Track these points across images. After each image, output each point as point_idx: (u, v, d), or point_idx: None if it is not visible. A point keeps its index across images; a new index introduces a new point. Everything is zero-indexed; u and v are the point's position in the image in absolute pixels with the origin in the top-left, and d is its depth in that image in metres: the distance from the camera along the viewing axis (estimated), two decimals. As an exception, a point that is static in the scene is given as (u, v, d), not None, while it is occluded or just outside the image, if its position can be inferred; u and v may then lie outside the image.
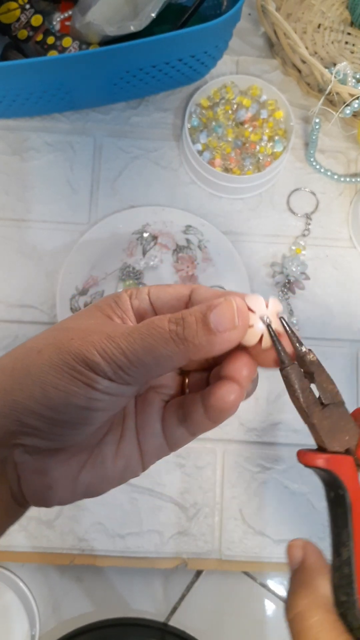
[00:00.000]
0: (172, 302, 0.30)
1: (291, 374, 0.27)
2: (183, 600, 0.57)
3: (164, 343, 0.25)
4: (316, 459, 0.27)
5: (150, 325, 0.25)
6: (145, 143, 0.64)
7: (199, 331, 0.25)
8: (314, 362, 0.27)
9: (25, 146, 0.63)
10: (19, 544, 0.55)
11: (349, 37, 0.69)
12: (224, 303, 0.25)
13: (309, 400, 0.27)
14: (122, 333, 0.25)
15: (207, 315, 0.25)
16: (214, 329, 0.25)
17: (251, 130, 0.63)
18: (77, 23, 0.60)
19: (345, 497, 0.26)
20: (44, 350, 0.26)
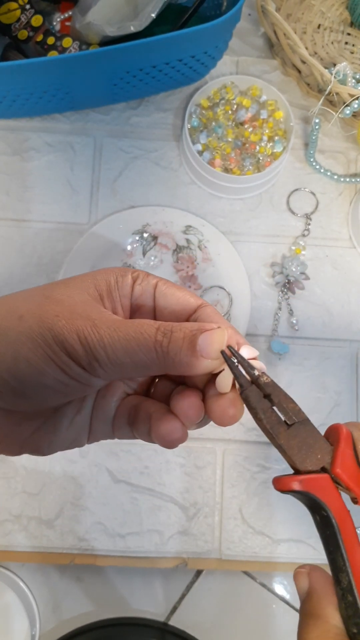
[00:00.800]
0: (177, 309, 0.28)
1: (250, 396, 0.26)
2: (183, 600, 0.57)
3: (146, 351, 0.24)
4: (291, 482, 0.25)
5: (139, 328, 0.25)
6: (145, 143, 0.64)
7: (183, 349, 0.24)
8: (269, 383, 0.27)
9: (25, 146, 0.63)
10: (19, 544, 0.55)
11: (349, 38, 0.69)
12: (217, 331, 0.25)
13: (272, 420, 0.26)
14: (109, 326, 0.25)
15: (196, 336, 0.25)
16: (198, 352, 0.24)
17: (251, 130, 0.63)
18: (77, 23, 0.60)
19: (330, 518, 0.25)
20: (25, 317, 0.25)
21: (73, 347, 0.24)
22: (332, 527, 0.25)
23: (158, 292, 0.29)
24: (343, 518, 0.25)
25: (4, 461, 0.56)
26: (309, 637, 0.24)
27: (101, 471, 0.57)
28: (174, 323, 0.25)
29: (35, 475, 0.56)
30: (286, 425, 0.26)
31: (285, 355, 0.60)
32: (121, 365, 0.24)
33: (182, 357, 0.24)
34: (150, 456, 0.57)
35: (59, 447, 0.29)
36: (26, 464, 0.56)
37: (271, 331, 0.60)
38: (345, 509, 0.25)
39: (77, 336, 0.24)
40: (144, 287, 0.29)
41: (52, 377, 0.25)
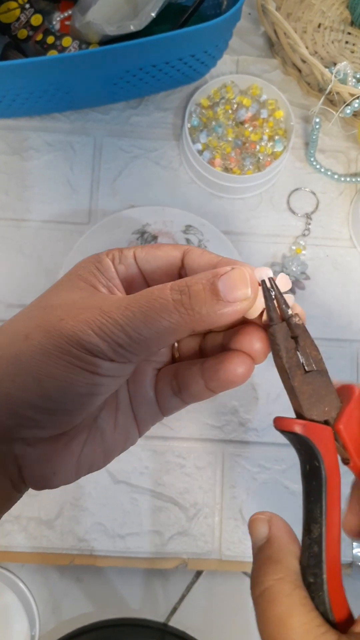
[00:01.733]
0: (164, 267, 0.27)
1: (278, 332, 0.25)
2: (183, 601, 0.57)
3: (167, 315, 0.22)
4: (293, 424, 0.25)
5: (150, 296, 0.23)
6: (145, 143, 0.64)
7: (207, 300, 0.23)
8: (300, 325, 0.26)
9: (25, 146, 0.63)
10: (18, 545, 0.55)
11: (349, 37, 0.69)
12: (235, 271, 0.23)
13: (292, 362, 0.26)
14: (118, 307, 0.23)
15: (215, 283, 0.23)
16: (223, 298, 0.23)
17: (251, 129, 0.62)
18: (77, 22, 0.60)
19: (320, 470, 0.25)
20: (32, 334, 0.23)
21: (92, 343, 0.22)
22: (320, 479, 0.24)
23: (139, 261, 0.28)
24: (333, 473, 0.25)
25: (4, 461, 0.56)
26: (266, 579, 0.24)
27: (101, 472, 0.56)
28: (187, 278, 0.24)
29: (35, 476, 0.56)
30: (304, 370, 0.26)
31: (285, 355, 0.59)
32: (146, 341, 0.23)
33: (209, 309, 0.23)
34: (150, 456, 0.57)
35: (115, 453, 0.28)
36: (26, 465, 0.56)
37: (271, 331, 0.60)
38: (337, 465, 0.25)
39: (90, 330, 0.22)
40: (125, 262, 0.28)
41: (83, 382, 0.23)
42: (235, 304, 0.23)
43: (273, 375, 0.61)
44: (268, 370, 0.59)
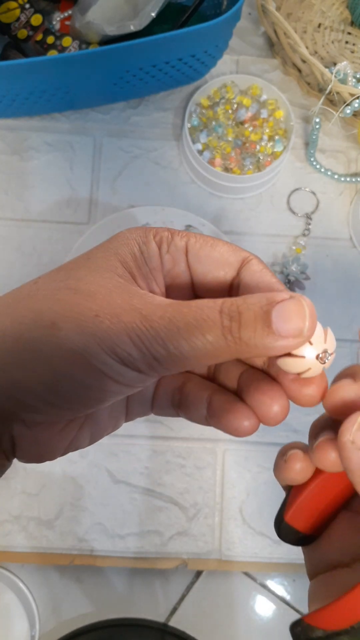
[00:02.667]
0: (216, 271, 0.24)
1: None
2: (183, 601, 0.57)
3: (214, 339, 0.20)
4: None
5: (199, 313, 0.20)
6: (145, 143, 0.64)
7: (258, 332, 0.20)
8: None
9: (25, 146, 0.63)
10: (18, 545, 0.54)
11: (349, 37, 0.69)
12: (293, 301, 0.21)
13: None
14: (162, 316, 0.20)
15: (269, 312, 0.20)
16: (275, 331, 0.20)
17: (251, 129, 0.62)
18: (77, 22, 0.60)
19: None
20: (59, 324, 0.21)
21: (126, 352, 0.20)
22: None
23: (191, 256, 0.24)
24: None
25: (4, 461, 0.56)
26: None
27: (101, 472, 0.56)
28: (239, 300, 0.21)
29: (35, 476, 0.56)
30: None
31: (285, 355, 0.59)
32: (185, 360, 0.21)
33: (258, 340, 0.20)
34: (150, 457, 0.57)
35: (100, 436, 0.27)
36: (26, 465, 0.56)
37: (271, 331, 0.60)
38: None
39: (128, 338, 0.20)
40: (173, 254, 0.24)
41: (102, 389, 0.21)
42: (288, 340, 0.21)
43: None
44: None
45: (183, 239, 0.24)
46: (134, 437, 0.57)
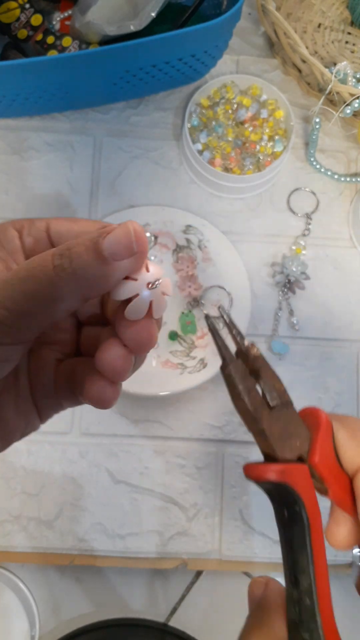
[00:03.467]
0: None
1: (235, 372, 0.23)
2: (183, 601, 0.57)
3: (49, 283, 0.21)
4: (268, 471, 0.23)
5: (30, 264, 0.21)
6: (145, 142, 0.64)
7: (90, 261, 0.21)
8: (258, 357, 0.24)
9: (25, 146, 0.63)
10: (18, 545, 0.54)
11: (349, 37, 0.69)
12: (119, 227, 0.21)
13: (256, 402, 0.23)
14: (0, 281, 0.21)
15: (99, 243, 0.21)
16: (107, 257, 0.21)
17: (251, 129, 0.62)
18: (77, 22, 0.60)
19: (302, 515, 0.23)
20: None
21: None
22: (302, 525, 0.23)
23: (53, 234, 0.25)
24: (315, 515, 0.23)
25: (4, 461, 0.56)
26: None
27: (101, 472, 0.56)
28: (68, 241, 0.22)
29: (35, 476, 0.56)
30: (268, 408, 0.23)
31: (285, 356, 0.59)
32: (30, 315, 0.21)
33: (93, 271, 0.21)
34: (151, 457, 0.57)
35: (15, 437, 0.26)
36: (25, 465, 0.56)
37: (271, 331, 0.60)
38: (317, 507, 0.23)
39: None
40: (35, 235, 0.25)
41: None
42: (122, 263, 0.21)
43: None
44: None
45: (43, 222, 0.25)
46: (134, 437, 0.57)
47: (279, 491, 0.23)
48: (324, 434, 0.24)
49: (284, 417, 0.23)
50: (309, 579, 0.22)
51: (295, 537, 0.23)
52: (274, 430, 0.23)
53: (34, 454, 0.56)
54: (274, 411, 0.23)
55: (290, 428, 0.23)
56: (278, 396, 0.24)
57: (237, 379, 0.23)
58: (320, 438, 0.24)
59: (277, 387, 0.24)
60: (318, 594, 0.22)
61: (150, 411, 0.57)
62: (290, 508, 0.23)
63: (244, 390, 0.23)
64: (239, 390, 0.23)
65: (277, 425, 0.23)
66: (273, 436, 0.23)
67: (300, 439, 0.24)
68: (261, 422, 0.23)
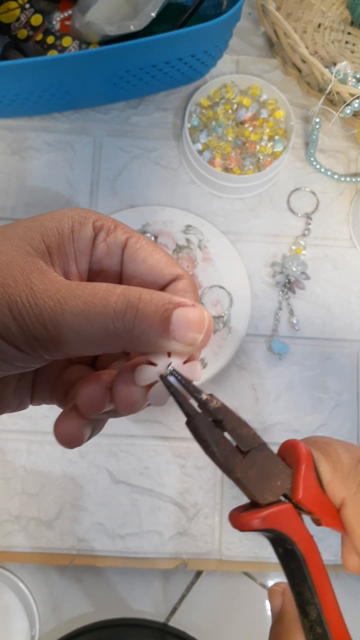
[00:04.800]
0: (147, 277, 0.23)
1: (200, 426, 0.23)
2: (183, 601, 0.57)
3: (101, 327, 0.19)
4: (251, 520, 0.23)
5: (92, 293, 0.19)
6: (145, 143, 0.64)
7: (154, 329, 0.19)
8: (220, 407, 0.23)
9: (24, 146, 0.63)
10: (18, 545, 0.54)
11: (349, 37, 0.69)
12: (195, 309, 0.20)
13: (226, 451, 0.23)
14: (52, 295, 0.19)
15: (170, 313, 0.19)
16: (171, 333, 0.19)
17: (251, 129, 0.62)
18: (77, 22, 0.60)
19: (295, 552, 0.23)
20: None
21: (4, 324, 0.19)
22: (298, 560, 0.23)
23: (127, 253, 0.23)
24: (309, 549, 0.23)
25: (4, 461, 0.56)
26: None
27: (101, 472, 0.56)
28: (141, 289, 0.20)
29: (35, 476, 0.56)
30: (241, 454, 0.23)
31: (285, 356, 0.59)
32: (68, 345, 0.20)
33: (151, 337, 0.19)
34: (151, 457, 0.57)
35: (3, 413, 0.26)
36: (25, 465, 0.56)
37: (271, 331, 0.60)
38: (310, 539, 0.23)
39: (9, 310, 0.19)
40: (110, 245, 0.23)
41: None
42: (180, 345, 0.20)
43: (272, 375, 0.61)
44: (268, 370, 0.59)
45: (125, 234, 0.23)
46: (134, 437, 0.57)
47: (269, 534, 0.23)
48: (306, 467, 0.24)
49: (260, 461, 0.23)
50: (317, 610, 0.23)
51: (295, 571, 0.23)
52: (251, 476, 0.23)
53: (34, 454, 0.56)
54: (247, 457, 0.23)
55: (268, 469, 0.23)
56: (249, 441, 0.23)
57: (204, 433, 0.23)
58: (303, 472, 0.24)
59: (245, 432, 0.24)
60: (328, 622, 0.23)
61: (150, 411, 0.57)
62: (283, 547, 0.23)
63: (212, 443, 0.23)
64: (208, 444, 0.23)
65: (253, 470, 0.23)
66: (250, 483, 0.23)
67: (281, 478, 0.24)
68: (235, 472, 0.23)
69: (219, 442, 0.23)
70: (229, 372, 0.59)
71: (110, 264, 0.23)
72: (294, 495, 0.23)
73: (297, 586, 0.23)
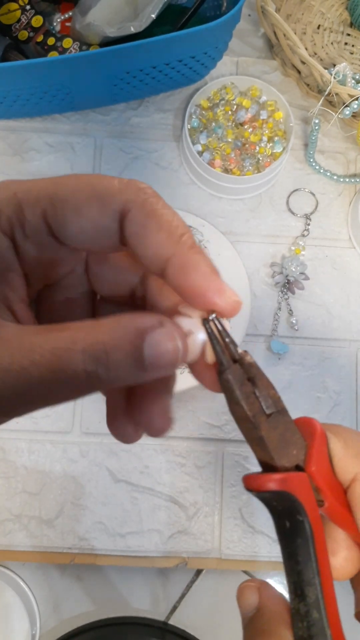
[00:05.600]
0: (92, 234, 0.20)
1: (233, 377, 0.22)
2: (183, 599, 0.57)
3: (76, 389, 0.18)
4: (269, 481, 0.22)
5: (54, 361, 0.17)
6: (146, 144, 0.64)
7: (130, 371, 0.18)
8: (253, 364, 0.23)
9: (25, 147, 0.63)
10: (19, 543, 0.55)
11: (349, 38, 0.69)
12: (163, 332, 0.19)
13: (254, 408, 0.22)
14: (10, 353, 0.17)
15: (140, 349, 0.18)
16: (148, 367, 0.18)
17: (251, 131, 0.63)
18: (78, 24, 0.60)
19: (305, 524, 0.22)
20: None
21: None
22: (305, 535, 0.22)
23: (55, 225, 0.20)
24: (317, 525, 0.22)
25: (5, 460, 0.56)
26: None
27: (101, 471, 0.57)
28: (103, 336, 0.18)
29: (36, 475, 0.56)
30: (265, 415, 0.23)
31: (285, 355, 0.60)
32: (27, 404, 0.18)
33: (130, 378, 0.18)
34: (151, 456, 0.57)
35: None
36: (26, 464, 0.56)
37: (271, 331, 0.60)
38: (319, 516, 0.23)
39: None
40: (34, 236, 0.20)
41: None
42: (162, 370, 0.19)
43: (272, 375, 0.62)
44: (268, 370, 0.59)
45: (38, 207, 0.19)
46: (134, 437, 0.57)
47: (281, 501, 0.23)
48: (319, 443, 0.24)
49: (281, 425, 0.23)
50: (316, 591, 0.22)
51: (299, 548, 0.22)
52: (272, 438, 0.23)
53: (35, 453, 0.56)
54: (270, 419, 0.23)
55: (287, 436, 0.23)
56: (274, 403, 0.23)
57: (235, 385, 0.22)
58: (316, 447, 0.23)
59: (271, 394, 0.23)
60: (326, 606, 0.22)
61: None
62: (292, 518, 0.23)
63: (242, 396, 0.22)
64: (237, 396, 0.22)
65: (275, 433, 0.23)
66: (272, 444, 0.23)
67: (297, 447, 0.23)
68: (260, 430, 0.22)
69: (249, 397, 0.22)
70: (229, 372, 0.59)
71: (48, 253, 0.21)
72: (308, 467, 0.23)
73: (300, 565, 0.22)
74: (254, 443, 0.23)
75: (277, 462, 0.22)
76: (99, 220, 0.19)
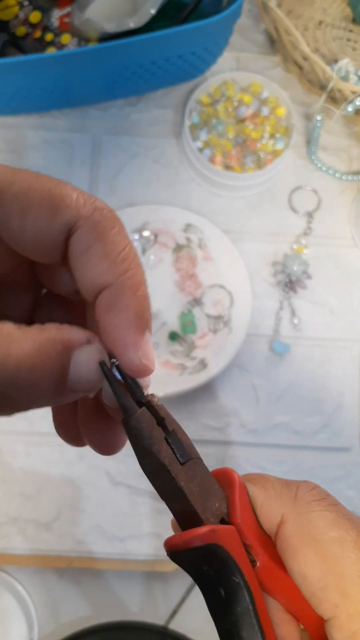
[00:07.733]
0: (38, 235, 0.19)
1: (142, 423, 0.19)
2: (183, 604, 0.57)
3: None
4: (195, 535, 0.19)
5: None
6: (145, 140, 0.64)
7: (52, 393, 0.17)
8: (162, 407, 0.20)
9: (23, 144, 0.63)
10: (17, 547, 0.54)
11: (351, 34, 0.68)
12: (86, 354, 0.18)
13: (169, 456, 0.20)
14: None
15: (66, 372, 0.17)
16: (70, 388, 0.18)
17: (252, 127, 0.62)
18: (76, 20, 0.59)
19: (242, 588, 0.19)
20: None
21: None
22: (245, 601, 0.19)
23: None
24: (255, 587, 0.20)
25: (1, 463, 0.55)
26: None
27: (100, 473, 0.56)
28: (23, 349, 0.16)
29: (33, 478, 0.55)
30: (180, 464, 0.20)
31: (286, 356, 0.59)
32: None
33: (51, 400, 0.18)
34: (150, 458, 0.56)
35: None
36: (24, 466, 0.55)
37: (273, 331, 0.59)
38: (254, 576, 0.20)
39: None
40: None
41: None
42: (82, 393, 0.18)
43: (274, 375, 0.61)
44: (269, 371, 0.59)
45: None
46: (134, 438, 0.57)
47: (211, 560, 0.20)
48: (240, 493, 0.21)
49: (199, 475, 0.21)
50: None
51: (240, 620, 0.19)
52: (193, 489, 0.20)
53: (32, 455, 0.56)
54: (186, 467, 0.20)
55: (206, 487, 0.21)
56: (188, 451, 0.21)
57: (145, 431, 0.20)
58: (238, 498, 0.21)
59: (184, 440, 0.21)
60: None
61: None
62: (227, 583, 0.20)
63: (155, 443, 0.20)
64: (149, 443, 0.20)
65: (194, 483, 0.20)
66: (192, 496, 0.20)
67: (217, 499, 0.21)
68: (179, 480, 0.20)
69: (161, 444, 0.20)
70: (230, 373, 0.58)
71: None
72: (232, 519, 0.21)
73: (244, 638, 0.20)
74: (171, 497, 0.21)
75: (202, 515, 0.20)
76: (44, 228, 0.18)
